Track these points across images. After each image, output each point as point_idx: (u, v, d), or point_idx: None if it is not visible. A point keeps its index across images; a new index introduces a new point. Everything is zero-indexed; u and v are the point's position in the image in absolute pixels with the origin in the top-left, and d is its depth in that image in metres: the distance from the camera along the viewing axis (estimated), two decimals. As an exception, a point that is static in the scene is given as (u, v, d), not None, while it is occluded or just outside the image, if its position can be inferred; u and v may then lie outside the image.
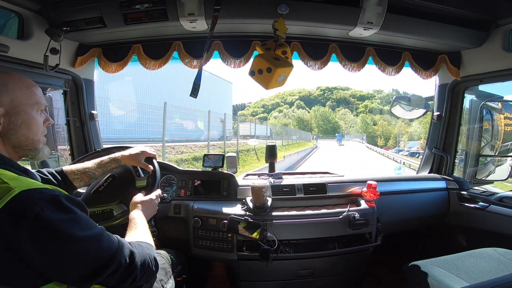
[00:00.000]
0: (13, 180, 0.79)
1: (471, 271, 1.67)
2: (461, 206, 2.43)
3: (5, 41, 1.70)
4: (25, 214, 0.73)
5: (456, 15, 2.05)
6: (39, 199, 0.76)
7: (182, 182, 2.26)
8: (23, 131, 0.98)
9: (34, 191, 0.78)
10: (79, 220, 0.82)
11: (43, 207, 0.75)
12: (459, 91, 2.61)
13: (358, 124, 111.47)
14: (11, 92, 0.96)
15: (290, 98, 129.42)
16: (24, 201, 0.75)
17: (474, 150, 2.65)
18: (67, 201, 0.83)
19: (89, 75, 2.43)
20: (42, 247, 0.75)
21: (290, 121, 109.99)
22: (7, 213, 0.72)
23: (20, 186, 0.77)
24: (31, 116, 1.00)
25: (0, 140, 0.95)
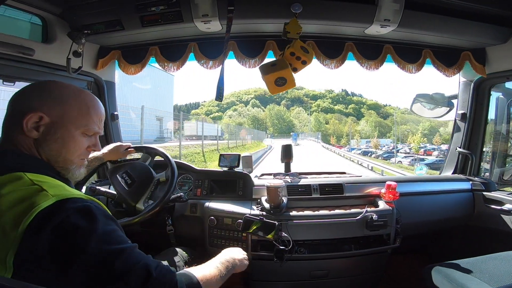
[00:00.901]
0: (52, 188, 0.79)
1: (494, 274, 1.60)
2: (486, 208, 2.33)
3: (31, 44, 1.78)
4: (51, 220, 0.73)
5: (478, 11, 1.98)
6: (69, 208, 0.76)
7: (199, 182, 2.29)
8: (56, 146, 0.94)
9: (70, 201, 0.78)
10: (104, 233, 0.80)
11: (69, 214, 0.75)
12: (485, 89, 2.51)
13: (311, 122, 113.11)
14: (66, 107, 0.95)
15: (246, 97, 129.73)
16: (55, 209, 0.75)
17: (502, 150, 2.54)
18: (98, 211, 0.81)
19: (110, 77, 2.51)
20: (59, 253, 0.74)
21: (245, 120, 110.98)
22: (40, 221, 0.72)
23: (57, 195, 0.77)
24: (72, 135, 0.96)
25: (34, 147, 0.93)
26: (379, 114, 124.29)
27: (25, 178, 0.80)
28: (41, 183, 0.80)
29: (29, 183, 0.79)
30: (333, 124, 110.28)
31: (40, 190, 0.77)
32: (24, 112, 0.90)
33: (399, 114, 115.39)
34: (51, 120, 0.92)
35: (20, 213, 0.72)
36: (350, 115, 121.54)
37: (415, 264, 2.64)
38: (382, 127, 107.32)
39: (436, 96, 2.56)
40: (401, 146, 68.47)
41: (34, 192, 0.77)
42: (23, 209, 0.73)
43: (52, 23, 1.91)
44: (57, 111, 0.93)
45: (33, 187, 0.78)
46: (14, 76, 1.81)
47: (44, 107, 0.92)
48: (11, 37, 1.67)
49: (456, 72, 2.39)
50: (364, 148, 71.54)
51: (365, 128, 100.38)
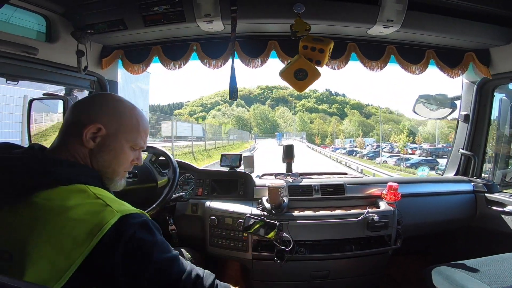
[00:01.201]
0: (114, 203, 0.83)
1: (495, 276, 1.59)
2: (488, 210, 2.32)
3: (34, 43, 1.79)
4: (123, 235, 0.78)
5: (481, 11, 1.97)
6: (134, 223, 0.82)
7: (200, 181, 2.29)
8: (109, 157, 0.99)
9: (131, 216, 0.82)
10: (161, 243, 0.87)
11: (136, 230, 0.81)
12: (488, 90, 2.49)
13: (296, 122, 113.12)
14: (123, 121, 1.00)
15: None
16: (123, 225, 0.79)
17: (504, 152, 2.53)
18: (152, 225, 0.88)
19: (113, 76, 2.51)
20: (131, 265, 0.79)
21: (229, 119, 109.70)
22: (109, 237, 0.76)
23: (121, 210, 0.81)
24: (122, 148, 1.02)
25: (90, 157, 0.97)
26: (362, 113, 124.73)
27: (89, 192, 0.84)
28: (103, 197, 0.84)
29: (93, 196, 0.83)
30: (317, 123, 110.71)
31: (105, 205, 0.81)
32: (85, 123, 0.94)
33: (381, 114, 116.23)
34: (107, 132, 0.96)
35: (91, 228, 0.75)
36: (334, 115, 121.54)
37: (416, 265, 2.64)
38: (365, 126, 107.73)
39: (439, 97, 2.55)
40: (384, 145, 67.91)
41: (100, 207, 0.80)
42: (94, 224, 0.76)
43: (56, 23, 1.92)
44: (113, 124, 0.98)
45: (98, 201, 0.82)
46: (17, 75, 1.81)
47: (103, 119, 0.96)
48: (14, 36, 1.68)
49: (460, 73, 2.37)
50: (348, 147, 71.06)
51: (349, 127, 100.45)
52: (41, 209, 0.77)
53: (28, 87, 7.31)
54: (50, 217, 0.76)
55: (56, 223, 0.75)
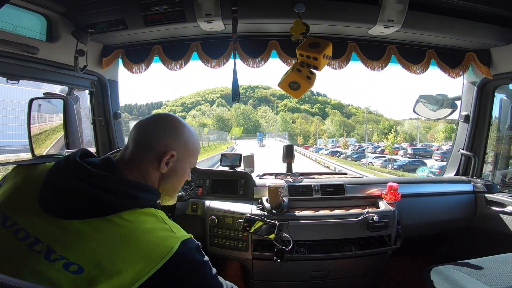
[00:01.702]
0: (175, 229, 0.89)
1: (495, 276, 1.59)
2: (488, 210, 2.32)
3: (35, 43, 1.79)
4: (184, 259, 0.85)
5: (482, 11, 1.97)
6: (191, 248, 0.88)
7: (200, 181, 2.30)
8: (176, 180, 1.07)
9: (188, 241, 0.88)
10: (208, 262, 0.93)
11: (193, 254, 0.88)
12: (489, 90, 2.49)
13: (278, 122, 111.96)
14: (189, 145, 1.06)
15: (212, 96, 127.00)
16: (183, 250, 0.85)
17: (505, 152, 2.53)
18: (201, 248, 0.94)
19: (113, 76, 2.52)
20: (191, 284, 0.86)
21: (210, 119, 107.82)
22: (173, 259, 0.81)
23: (181, 237, 0.86)
24: (185, 170, 1.09)
25: (159, 180, 1.03)
26: (343, 113, 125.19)
27: (158, 216, 0.91)
28: (167, 222, 0.90)
29: (161, 221, 0.90)
30: (299, 123, 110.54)
31: (170, 231, 0.87)
32: (161, 149, 0.99)
33: (361, 114, 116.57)
34: (177, 157, 1.02)
35: (161, 252, 0.81)
36: (316, 115, 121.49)
37: (415, 266, 2.64)
38: (346, 126, 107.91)
39: (439, 97, 2.55)
40: (366, 145, 66.78)
41: (168, 232, 0.86)
42: (164, 248, 0.81)
43: (56, 22, 1.92)
44: (182, 149, 1.04)
45: (165, 226, 0.88)
46: (18, 75, 1.82)
47: (176, 146, 1.02)
48: (15, 36, 1.69)
49: (461, 73, 2.38)
50: (331, 147, 69.58)
51: (331, 127, 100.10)
52: (122, 229, 0.82)
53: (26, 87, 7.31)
54: (131, 237, 0.81)
55: (135, 243, 0.80)
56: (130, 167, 0.98)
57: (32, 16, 1.84)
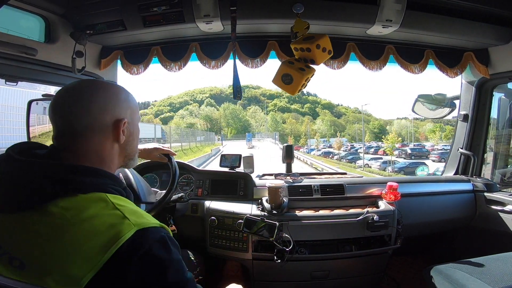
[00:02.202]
0: (132, 215, 0.80)
1: (496, 275, 1.59)
2: (488, 209, 2.33)
3: (33, 44, 1.79)
4: (138, 250, 0.75)
5: (480, 11, 1.98)
6: (150, 238, 0.78)
7: (200, 182, 2.29)
8: (135, 142, 1.03)
9: (148, 230, 0.79)
10: (177, 262, 0.83)
11: (151, 245, 0.77)
12: (487, 89, 2.51)
13: (268, 122, 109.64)
14: (130, 105, 0.99)
15: (200, 96, 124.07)
16: (139, 239, 0.76)
17: (504, 151, 2.54)
18: (170, 242, 0.84)
19: (112, 77, 2.51)
20: (143, 283, 0.75)
21: (198, 120, 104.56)
22: (124, 250, 0.73)
23: (138, 224, 0.78)
24: (138, 128, 1.04)
25: (119, 151, 0.97)
26: (333, 113, 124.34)
27: (108, 201, 0.81)
28: (121, 207, 0.81)
29: (112, 207, 0.80)
30: (290, 123, 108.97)
31: (123, 217, 0.78)
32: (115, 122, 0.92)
33: (351, 113, 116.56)
34: (128, 122, 0.96)
35: (106, 242, 0.73)
36: (306, 115, 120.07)
37: (416, 265, 2.64)
38: (336, 126, 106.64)
39: (438, 96, 2.56)
40: (357, 145, 66.19)
41: (118, 219, 0.78)
42: (109, 238, 0.73)
43: (55, 23, 1.92)
44: (128, 111, 0.97)
45: (116, 212, 0.79)
46: (16, 76, 1.82)
47: (123, 111, 0.95)
48: (13, 37, 1.68)
49: (459, 72, 2.38)
50: (322, 147, 68.05)
51: (321, 127, 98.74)
52: (58, 219, 0.75)
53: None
54: (66, 228, 0.74)
55: (71, 235, 0.73)
56: (79, 152, 0.89)
57: (30, 17, 1.84)
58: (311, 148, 66.64)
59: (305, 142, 79.61)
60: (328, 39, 1.80)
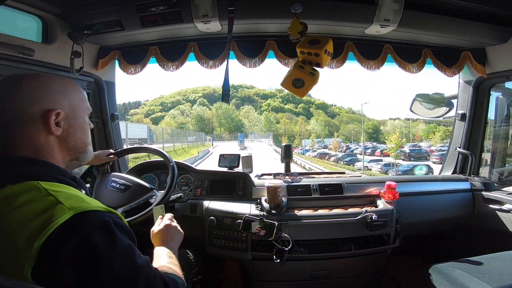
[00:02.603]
0: (68, 200, 0.75)
1: (494, 274, 1.59)
2: (486, 208, 2.33)
3: (31, 45, 1.78)
4: (71, 237, 0.70)
5: (478, 11, 1.98)
6: (88, 223, 0.74)
7: (198, 182, 2.29)
8: (79, 134, 0.97)
9: (86, 215, 0.75)
10: (123, 249, 0.78)
11: (90, 232, 0.73)
12: (485, 89, 2.52)
13: (262, 122, 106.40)
14: (69, 96, 0.95)
15: (193, 95, 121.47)
16: (74, 225, 0.72)
17: (501, 150, 2.55)
18: (116, 227, 0.79)
19: (110, 77, 2.51)
20: (81, 273, 0.71)
21: (189, 119, 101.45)
22: (57, 236, 0.69)
23: (74, 208, 0.74)
24: (84, 120, 0.99)
25: (58, 144, 0.93)
26: (327, 113, 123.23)
27: (41, 188, 0.77)
28: (56, 193, 0.77)
29: (44, 193, 0.76)
30: (284, 123, 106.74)
31: (56, 202, 0.74)
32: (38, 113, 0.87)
33: (344, 114, 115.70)
34: (65, 113, 0.92)
35: (36, 228, 0.69)
36: (300, 115, 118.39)
37: (415, 264, 2.65)
38: (330, 126, 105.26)
39: (435, 96, 2.57)
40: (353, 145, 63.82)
41: (50, 204, 0.73)
42: (39, 224, 0.70)
43: (52, 24, 1.91)
44: (65, 103, 0.93)
45: (49, 198, 0.75)
46: (14, 77, 1.80)
47: (56, 103, 0.90)
48: (10, 38, 1.67)
49: (457, 72, 2.39)
50: (317, 147, 65.51)
51: (316, 127, 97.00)
52: None
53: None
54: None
55: (2, 227, 0.70)
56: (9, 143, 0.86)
57: (27, 17, 1.84)
58: (306, 149, 65.08)
59: (300, 143, 76.26)
60: (332, 43, 1.82)
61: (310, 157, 48.84)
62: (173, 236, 1.36)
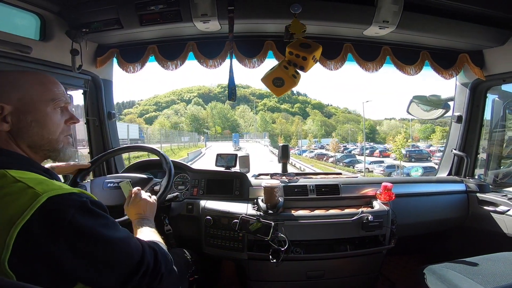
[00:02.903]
0: (39, 185, 0.75)
1: (488, 275, 1.61)
2: (481, 209, 2.36)
3: (28, 42, 1.77)
4: (58, 223, 0.72)
5: (477, 13, 1.99)
6: (68, 206, 0.75)
7: (195, 181, 2.29)
8: (35, 130, 0.92)
9: (62, 197, 0.75)
10: (107, 223, 0.83)
11: (74, 214, 0.74)
12: (481, 91, 2.53)
13: (258, 122, 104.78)
14: (21, 89, 0.90)
15: (188, 95, 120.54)
16: (54, 209, 0.72)
17: (496, 152, 2.57)
18: (94, 206, 0.82)
19: (107, 76, 2.51)
20: (81, 254, 0.75)
21: (183, 119, 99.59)
22: (38, 222, 0.70)
23: (47, 191, 0.73)
24: (45, 114, 0.93)
25: (12, 139, 0.90)
26: (323, 113, 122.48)
27: (7, 175, 0.77)
28: (25, 180, 0.76)
29: (12, 180, 0.76)
30: (280, 123, 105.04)
31: (26, 187, 0.74)
32: None
33: (340, 114, 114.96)
34: (13, 108, 0.88)
35: (10, 215, 0.69)
36: (296, 114, 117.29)
37: (410, 265, 2.67)
38: (327, 126, 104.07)
39: (432, 98, 2.58)
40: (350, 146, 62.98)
41: (19, 190, 0.73)
42: (13, 211, 0.69)
43: (50, 21, 1.90)
44: (14, 97, 0.89)
45: (17, 184, 0.75)
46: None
47: (1, 98, 0.88)
48: (8, 35, 1.66)
49: (454, 74, 2.40)
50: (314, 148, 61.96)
51: (312, 127, 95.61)
52: None
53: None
54: None
55: None
56: None
57: (25, 15, 1.82)
58: (302, 150, 61.17)
59: (296, 143, 74.47)
60: (321, 50, 1.85)
61: (307, 158, 47.10)
62: (146, 208, 1.41)
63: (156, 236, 1.20)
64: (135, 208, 1.38)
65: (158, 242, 1.10)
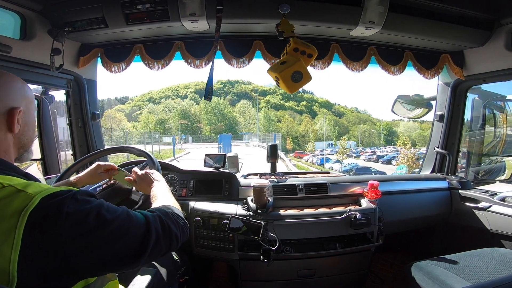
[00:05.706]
0: (28, 187, 0.74)
1: (472, 271, 1.66)
2: (463, 206, 2.43)
3: (7, 41, 1.71)
4: (56, 218, 0.71)
5: (459, 14, 2.05)
6: (62, 200, 0.74)
7: (184, 182, 2.26)
8: (30, 133, 0.97)
9: (54, 195, 0.74)
10: (102, 205, 0.82)
11: (69, 206, 0.73)
12: (462, 91, 2.61)
13: (260, 120, 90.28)
14: (26, 94, 0.94)
15: (184, 91, 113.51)
16: (49, 206, 0.72)
17: (477, 150, 2.65)
18: (84, 195, 0.81)
19: (91, 75, 2.45)
20: (86, 241, 0.74)
21: (171, 115, 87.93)
22: (36, 221, 0.69)
23: (39, 193, 0.73)
24: (34, 119, 0.99)
25: (13, 141, 0.91)
26: (332, 112, 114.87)
27: None
28: (13, 184, 0.75)
29: None
30: (286, 122, 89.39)
31: (17, 191, 0.72)
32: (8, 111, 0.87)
33: (350, 113, 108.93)
34: (24, 111, 0.92)
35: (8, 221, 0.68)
36: (303, 113, 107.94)
37: (398, 262, 2.72)
38: (339, 126, 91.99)
39: (415, 97, 2.65)
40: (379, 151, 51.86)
41: (10, 195, 0.72)
42: (10, 216, 0.68)
43: (32, 20, 1.84)
44: (23, 101, 0.93)
45: (7, 189, 0.73)
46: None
47: (18, 101, 0.90)
48: (-14, 34, 1.60)
49: (436, 74, 2.47)
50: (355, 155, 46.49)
51: (323, 127, 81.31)
52: None
53: None
54: None
55: None
56: None
57: (5, 14, 1.76)
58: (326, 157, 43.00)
59: (313, 147, 56.51)
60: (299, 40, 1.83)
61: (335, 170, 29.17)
62: (154, 175, 1.48)
63: (166, 198, 1.26)
64: (146, 180, 1.44)
65: (165, 205, 1.13)
